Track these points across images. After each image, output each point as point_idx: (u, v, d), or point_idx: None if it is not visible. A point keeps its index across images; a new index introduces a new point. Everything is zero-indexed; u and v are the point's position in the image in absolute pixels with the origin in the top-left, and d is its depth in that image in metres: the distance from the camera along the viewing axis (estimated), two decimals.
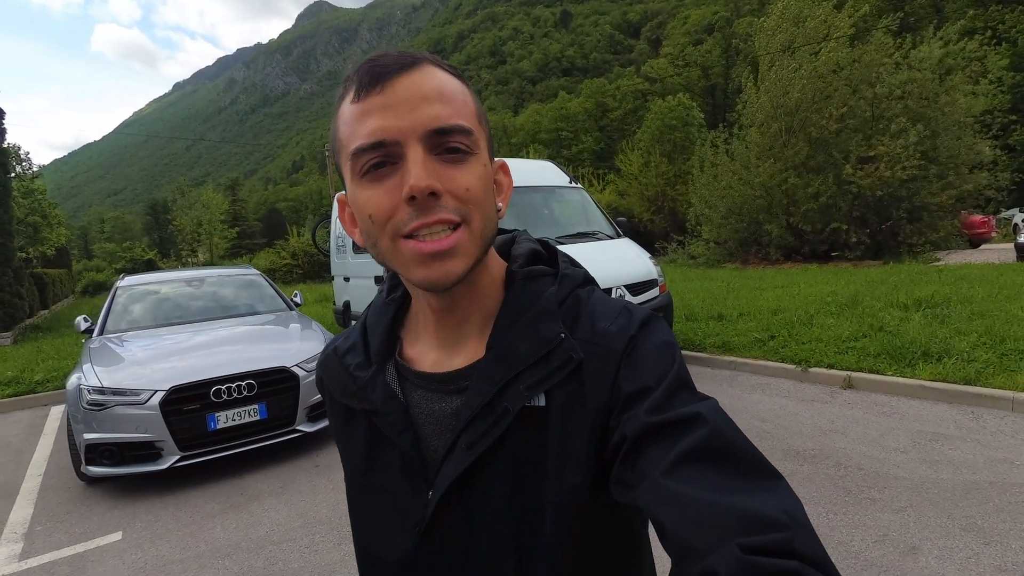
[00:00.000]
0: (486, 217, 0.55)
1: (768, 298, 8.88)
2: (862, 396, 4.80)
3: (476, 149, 0.54)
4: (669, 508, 0.45)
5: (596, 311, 0.60)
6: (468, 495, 0.57)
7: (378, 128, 0.51)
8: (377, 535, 0.64)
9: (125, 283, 5.70)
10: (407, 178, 0.51)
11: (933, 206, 14.57)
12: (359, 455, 0.65)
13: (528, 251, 0.66)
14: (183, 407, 3.92)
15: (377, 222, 0.53)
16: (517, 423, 0.56)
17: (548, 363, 0.56)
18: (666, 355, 0.56)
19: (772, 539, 0.41)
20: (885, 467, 3.42)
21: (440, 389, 0.61)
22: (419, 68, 0.53)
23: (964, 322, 6.04)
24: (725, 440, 0.48)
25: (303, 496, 3.74)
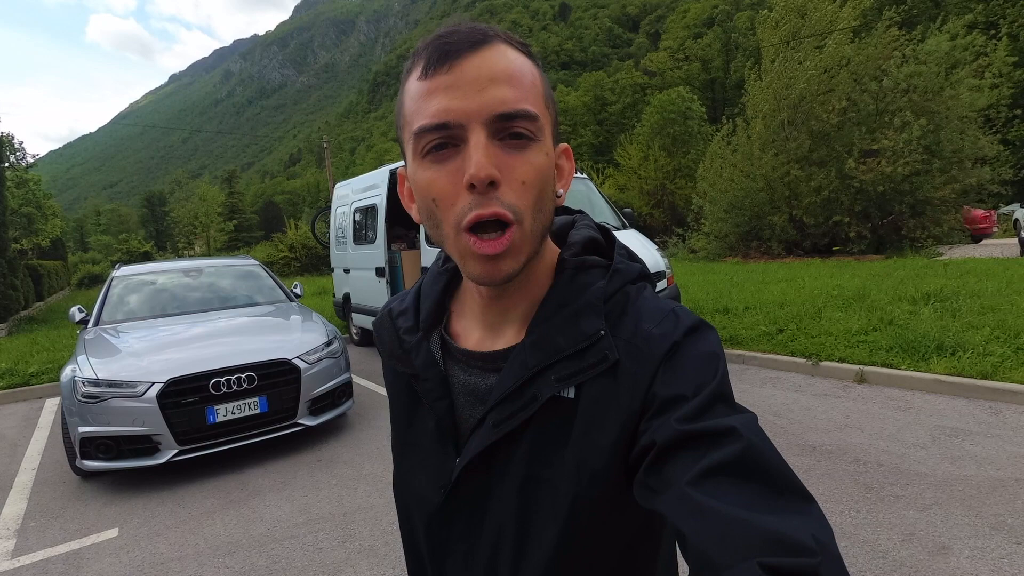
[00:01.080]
0: (540, 210, 0.55)
1: (773, 291, 8.79)
2: (876, 390, 4.71)
3: (540, 136, 0.53)
4: (692, 519, 0.44)
5: (643, 310, 0.59)
6: (489, 468, 0.59)
7: (443, 109, 0.50)
8: (411, 485, 0.68)
9: (121, 273, 5.56)
10: (468, 164, 0.50)
11: (935, 200, 14.48)
12: (403, 409, 0.69)
13: (585, 238, 0.64)
14: (181, 400, 3.80)
15: (441, 207, 0.53)
16: (543, 410, 0.57)
17: (583, 358, 0.56)
18: (708, 366, 0.54)
19: (796, 563, 0.39)
20: (906, 463, 3.32)
21: (479, 367, 0.62)
22: (489, 46, 0.52)
23: (975, 316, 5.95)
24: (758, 457, 0.47)
25: (305, 492, 3.63)
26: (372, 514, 3.25)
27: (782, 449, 3.65)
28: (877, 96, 14.63)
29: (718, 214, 18.25)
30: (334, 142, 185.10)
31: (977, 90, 15.03)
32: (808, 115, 15.45)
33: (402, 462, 0.70)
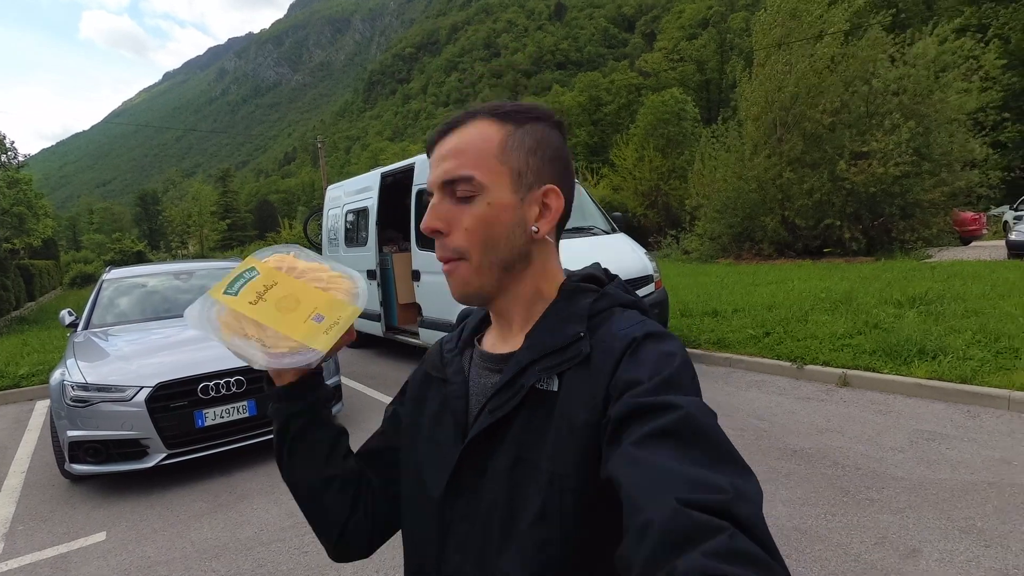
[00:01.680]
0: (489, 248, 0.67)
1: (762, 294, 8.87)
2: (858, 394, 4.78)
3: (481, 191, 0.66)
4: (628, 469, 0.49)
5: (618, 320, 0.68)
6: (486, 450, 0.67)
7: (427, 180, 0.69)
8: (428, 480, 0.74)
9: (111, 276, 5.57)
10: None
11: (925, 203, 14.61)
12: (432, 414, 0.78)
13: (585, 273, 0.76)
14: (170, 404, 3.83)
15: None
16: (532, 402, 0.65)
17: (564, 353, 0.65)
18: (666, 360, 0.60)
19: (710, 498, 0.43)
20: (883, 467, 3.39)
21: (489, 368, 0.73)
22: (457, 129, 0.68)
23: (958, 320, 6.04)
24: (698, 426, 0.51)
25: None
26: None
27: (764, 452, 3.72)
28: (867, 98, 14.75)
29: (711, 215, 18.34)
30: (329, 141, 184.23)
31: (966, 93, 15.17)
32: (801, 117, 15.55)
33: (423, 464, 0.76)
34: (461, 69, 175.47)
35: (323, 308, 0.73)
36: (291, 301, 0.73)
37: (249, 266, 0.77)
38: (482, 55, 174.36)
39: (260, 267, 0.76)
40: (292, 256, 0.79)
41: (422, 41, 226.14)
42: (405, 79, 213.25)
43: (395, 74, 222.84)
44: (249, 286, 0.74)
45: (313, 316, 0.73)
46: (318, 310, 0.73)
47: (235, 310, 0.72)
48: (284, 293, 0.74)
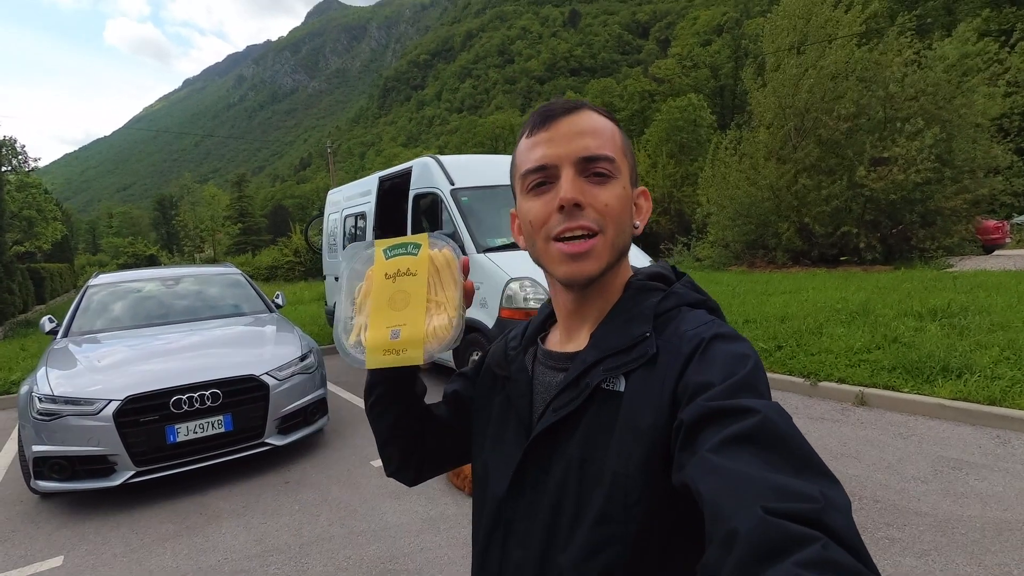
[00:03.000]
0: (620, 230, 0.68)
1: (775, 304, 8.53)
2: (876, 414, 4.46)
3: (617, 174, 0.68)
4: (709, 477, 0.47)
5: (685, 320, 0.67)
6: (550, 449, 0.68)
7: (542, 155, 0.68)
8: (491, 480, 0.76)
9: (97, 282, 5.41)
10: (559, 192, 0.66)
11: (947, 210, 14.15)
12: (498, 416, 0.79)
13: (652, 272, 0.75)
14: (139, 418, 3.62)
15: (536, 226, 0.69)
16: (597, 402, 0.66)
17: (630, 353, 0.65)
18: (738, 361, 0.58)
19: (799, 507, 0.41)
20: (904, 499, 3.08)
21: (553, 366, 0.74)
22: (579, 112, 0.69)
23: (984, 334, 5.68)
24: (777, 431, 0.49)
25: (265, 518, 3.44)
26: (329, 546, 3.05)
27: None
28: (885, 102, 14.33)
29: (724, 222, 17.98)
30: (344, 147, 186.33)
31: (990, 98, 14.70)
32: (816, 123, 15.17)
33: (489, 462, 0.78)
34: (475, 76, 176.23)
35: (407, 328, 0.74)
36: (403, 299, 0.75)
37: (417, 242, 0.78)
38: (496, 62, 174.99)
39: (423, 250, 0.78)
40: (455, 261, 0.78)
41: (437, 48, 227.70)
42: (420, 85, 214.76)
43: (410, 81, 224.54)
44: (401, 259, 0.78)
45: (394, 329, 0.74)
46: (404, 327, 0.74)
47: (374, 274, 0.78)
48: (408, 288, 0.76)
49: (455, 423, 0.89)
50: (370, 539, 3.11)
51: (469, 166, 6.01)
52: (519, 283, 4.86)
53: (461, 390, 0.90)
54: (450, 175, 5.75)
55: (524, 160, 0.70)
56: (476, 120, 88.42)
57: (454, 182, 5.70)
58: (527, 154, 0.69)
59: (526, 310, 4.82)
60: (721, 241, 18.53)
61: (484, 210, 5.71)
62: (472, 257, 5.22)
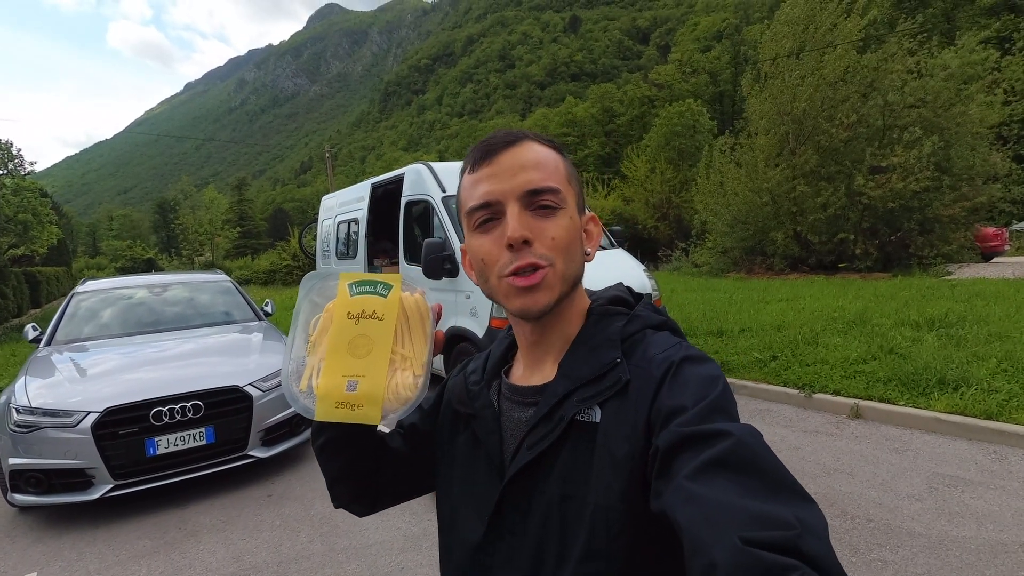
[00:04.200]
0: (570, 260, 0.67)
1: (771, 312, 8.46)
2: (871, 428, 4.38)
3: (563, 205, 0.66)
4: (686, 507, 0.47)
5: (653, 343, 0.66)
6: (528, 489, 0.65)
7: (486, 192, 0.66)
8: (463, 524, 0.73)
9: (83, 289, 5.35)
10: (506, 230, 0.64)
11: (945, 218, 14.10)
12: (464, 455, 0.76)
13: (611, 296, 0.75)
14: (118, 431, 3.55)
15: (487, 264, 0.67)
16: (573, 434, 0.64)
17: (602, 382, 0.64)
18: (708, 384, 0.58)
19: (775, 536, 0.41)
20: (898, 519, 3.01)
21: (520, 401, 0.72)
22: (519, 144, 0.67)
23: (982, 345, 5.61)
24: (752, 454, 0.49)
25: (245, 534, 3.36)
26: (309, 564, 2.98)
27: None
28: (884, 111, 14.31)
29: (722, 228, 17.93)
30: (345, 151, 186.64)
31: (989, 106, 14.67)
32: (815, 129, 15.13)
33: (459, 508, 0.75)
34: (476, 81, 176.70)
35: (366, 380, 0.67)
36: (365, 347, 0.69)
37: (389, 283, 0.72)
38: (497, 67, 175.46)
39: (394, 293, 0.71)
40: (427, 311, 0.73)
41: (438, 53, 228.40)
42: (421, 90, 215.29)
43: (411, 85, 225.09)
44: (368, 300, 0.71)
45: (351, 380, 0.67)
46: (362, 378, 0.67)
47: (336, 311, 0.70)
48: (372, 334, 0.69)
49: (412, 456, 0.85)
50: (351, 556, 3.04)
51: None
52: None
53: (419, 423, 0.85)
54: (442, 182, 5.69)
55: (468, 197, 0.68)
56: (476, 125, 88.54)
57: (446, 189, 5.64)
58: (471, 191, 0.68)
59: None
60: (719, 247, 18.48)
61: None
62: (462, 266, 5.15)
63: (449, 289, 5.33)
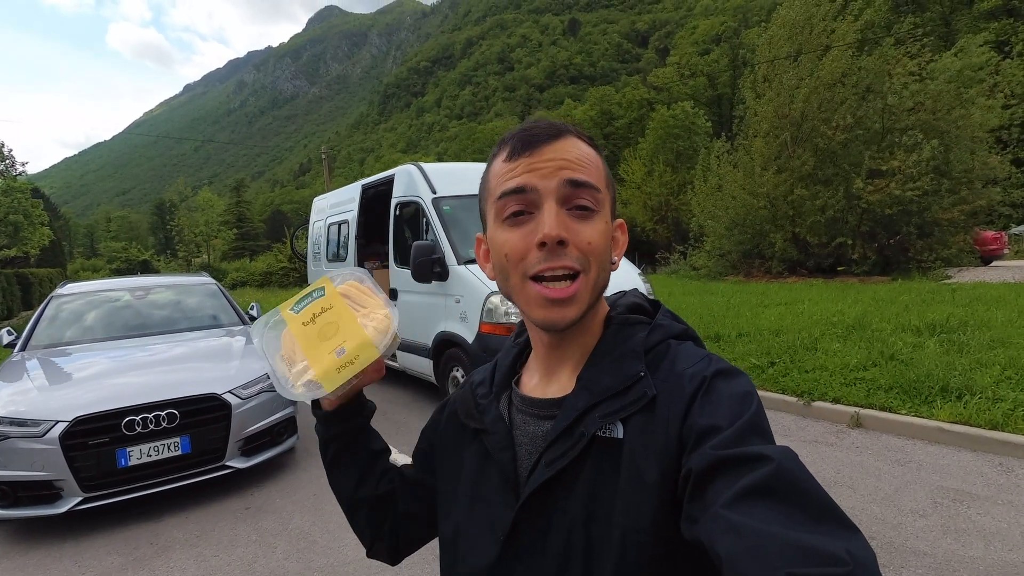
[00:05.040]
0: (602, 268, 0.63)
1: (770, 316, 8.33)
2: (872, 437, 4.24)
3: (600, 208, 0.63)
4: (727, 538, 0.45)
5: (679, 356, 0.63)
6: (547, 508, 0.62)
7: (522, 181, 0.61)
8: (472, 544, 0.68)
9: (62, 292, 5.20)
10: (541, 226, 0.60)
11: (944, 221, 14.00)
12: (472, 471, 0.72)
13: (630, 303, 0.72)
14: (88, 441, 3.40)
15: (511, 260, 0.62)
16: (596, 451, 0.61)
17: (625, 396, 0.61)
18: (743, 402, 0.56)
19: (828, 572, 0.39)
20: (902, 536, 2.87)
21: (536, 414, 0.68)
22: (563, 138, 0.63)
23: (984, 351, 5.48)
24: (793, 481, 0.47)
25: (219, 549, 3.21)
26: None
27: None
28: (884, 114, 14.21)
29: (720, 231, 17.81)
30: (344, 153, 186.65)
31: (989, 109, 14.58)
32: (812, 132, 15.04)
33: (465, 527, 0.71)
34: (475, 83, 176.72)
35: (349, 342, 0.71)
36: (332, 328, 0.72)
37: (320, 286, 0.77)
38: (496, 69, 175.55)
39: (328, 289, 0.76)
40: (358, 283, 0.77)
41: (437, 55, 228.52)
42: (420, 92, 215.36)
43: (410, 87, 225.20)
44: (311, 306, 0.75)
45: (337, 349, 0.71)
46: (345, 343, 0.71)
47: (291, 329, 0.74)
48: (332, 319, 0.73)
49: (429, 483, 0.82)
50: (327, 575, 2.89)
51: (452, 174, 5.82)
52: (500, 296, 4.66)
53: (427, 448, 0.84)
54: (432, 183, 5.56)
55: (499, 183, 0.64)
56: (475, 127, 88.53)
57: (436, 191, 5.51)
58: (505, 179, 0.63)
59: (507, 325, 4.61)
60: (718, 250, 18.36)
61: (467, 220, 5.51)
62: (452, 269, 5.02)
63: (439, 293, 5.20)
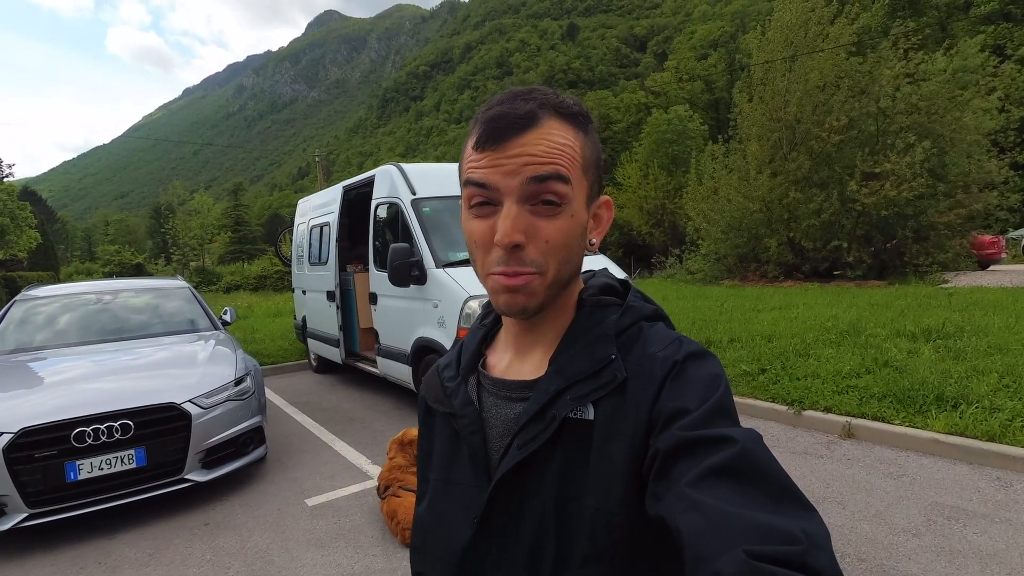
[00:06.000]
0: (563, 262, 0.62)
1: (763, 321, 8.16)
2: (864, 449, 4.07)
3: (568, 200, 0.60)
4: (688, 515, 0.46)
5: (650, 339, 0.64)
6: (519, 489, 0.62)
7: (484, 176, 0.60)
8: (445, 528, 0.69)
9: (25, 296, 5.02)
10: (497, 228, 0.59)
11: (941, 225, 13.87)
12: (443, 453, 0.72)
13: (602, 284, 0.72)
14: (35, 453, 3.22)
15: (479, 248, 0.62)
16: (568, 433, 0.61)
17: (597, 379, 0.61)
18: (711, 384, 0.57)
19: (783, 550, 0.41)
20: (893, 559, 2.69)
21: (508, 396, 0.68)
22: (534, 129, 0.59)
23: (981, 358, 5.31)
24: (756, 463, 0.49)
25: (171, 569, 3.02)
26: None
27: None
28: (877, 117, 14.09)
29: (715, 235, 17.67)
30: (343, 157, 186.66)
31: (985, 112, 14.45)
32: (807, 135, 14.91)
33: (438, 511, 0.71)
34: (474, 87, 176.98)
35: None
36: None
37: None
38: (495, 73, 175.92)
39: None
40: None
41: (436, 60, 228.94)
42: (419, 96, 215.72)
43: (409, 92, 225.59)
44: None
45: None
46: None
47: None
48: None
49: None
50: None
51: (433, 175, 5.65)
52: (479, 301, 4.48)
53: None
54: (412, 184, 5.39)
55: (467, 170, 0.62)
56: None
57: (416, 191, 5.34)
58: (472, 165, 0.61)
59: None
60: (713, 254, 18.21)
61: (448, 222, 5.34)
62: (430, 272, 4.84)
63: (416, 297, 5.02)
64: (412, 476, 3.43)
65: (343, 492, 3.88)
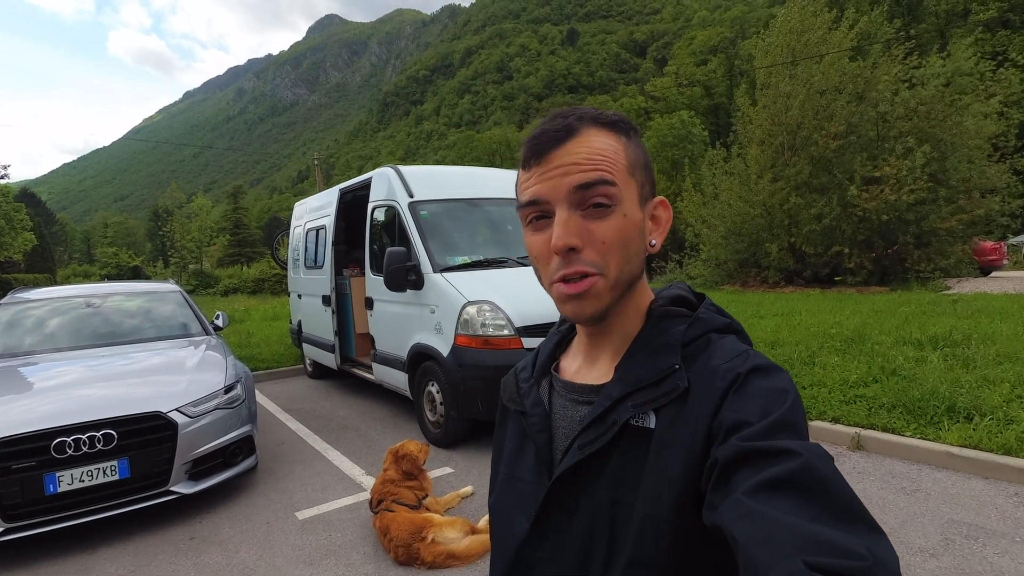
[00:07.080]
0: (624, 262, 0.63)
1: (765, 328, 8.04)
2: (875, 461, 3.94)
3: (619, 200, 0.62)
4: (743, 522, 0.45)
5: (717, 350, 0.64)
6: (576, 489, 0.64)
7: (534, 192, 0.63)
8: (507, 521, 0.72)
9: (10, 299, 4.88)
10: (552, 236, 0.62)
11: (942, 231, 13.76)
12: (512, 450, 0.76)
13: (673, 295, 0.72)
14: (12, 465, 3.08)
15: (540, 262, 0.65)
16: (627, 439, 0.62)
17: (658, 387, 0.61)
18: (775, 398, 0.56)
19: (846, 565, 0.39)
20: None
21: (575, 399, 0.70)
22: (573, 138, 0.62)
23: (991, 367, 5.18)
24: (819, 477, 0.47)
25: None
26: None
27: None
28: (877, 121, 14.01)
29: (716, 240, 17.56)
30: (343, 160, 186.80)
31: (985, 117, 14.38)
32: (808, 140, 14.83)
33: (503, 504, 0.74)
34: (474, 92, 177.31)
35: None
36: None
37: None
38: (495, 78, 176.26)
39: None
40: None
41: (436, 64, 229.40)
42: (419, 101, 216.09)
43: (409, 96, 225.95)
44: None
45: None
46: None
47: None
48: None
49: None
50: None
51: (432, 178, 5.54)
52: (477, 307, 4.36)
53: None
54: (409, 187, 5.27)
55: (520, 193, 0.66)
56: (473, 135, 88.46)
57: (413, 194, 5.22)
58: (522, 187, 0.66)
59: (484, 337, 4.31)
60: (714, 259, 18.10)
61: (445, 226, 5.23)
62: (427, 277, 4.72)
63: (413, 303, 4.89)
64: (405, 490, 3.30)
65: (335, 505, 3.74)
